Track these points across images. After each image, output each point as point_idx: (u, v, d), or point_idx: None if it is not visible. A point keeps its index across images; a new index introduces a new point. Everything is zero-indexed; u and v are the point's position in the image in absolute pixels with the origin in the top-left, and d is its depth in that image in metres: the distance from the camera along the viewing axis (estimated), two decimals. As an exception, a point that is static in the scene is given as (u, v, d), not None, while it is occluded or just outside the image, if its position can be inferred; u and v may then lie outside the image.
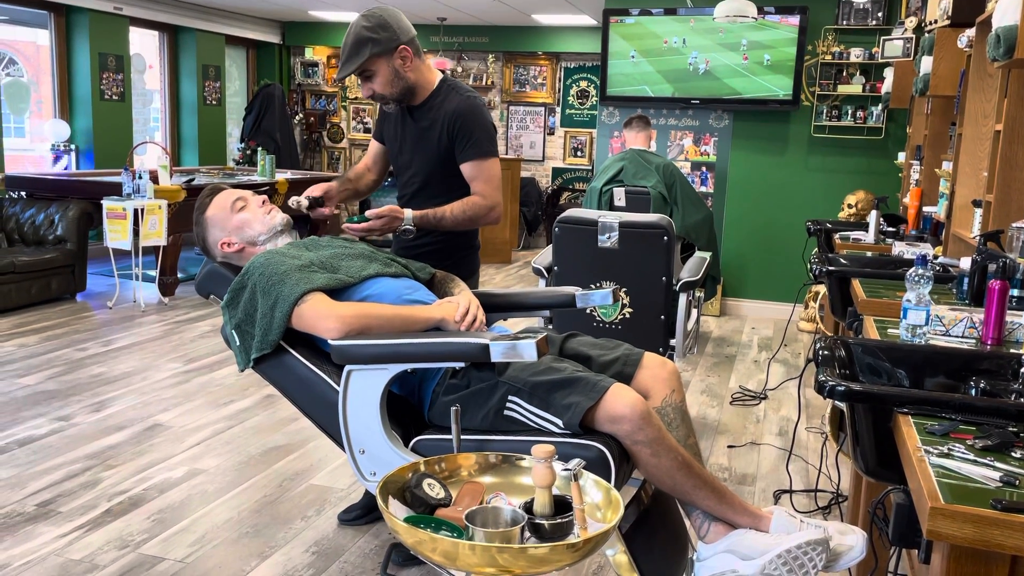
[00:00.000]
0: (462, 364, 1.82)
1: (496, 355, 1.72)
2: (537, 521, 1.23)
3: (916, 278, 2.04)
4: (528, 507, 1.27)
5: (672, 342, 3.30)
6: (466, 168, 2.45)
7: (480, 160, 2.43)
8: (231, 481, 3.04)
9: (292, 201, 2.42)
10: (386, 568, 2.19)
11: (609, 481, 1.77)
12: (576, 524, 1.22)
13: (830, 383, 1.63)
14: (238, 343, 2.04)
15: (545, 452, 1.22)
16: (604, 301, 2.23)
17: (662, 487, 1.88)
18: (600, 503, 1.32)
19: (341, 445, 1.94)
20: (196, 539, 2.61)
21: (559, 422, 1.80)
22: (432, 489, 1.31)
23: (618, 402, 1.77)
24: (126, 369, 4.32)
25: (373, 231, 2.34)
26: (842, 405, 1.73)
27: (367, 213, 2.32)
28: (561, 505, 1.26)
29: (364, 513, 2.74)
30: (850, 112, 5.78)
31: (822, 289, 4.90)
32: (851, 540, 1.83)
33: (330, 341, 1.89)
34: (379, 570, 2.44)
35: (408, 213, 2.37)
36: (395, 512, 1.25)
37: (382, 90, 2.40)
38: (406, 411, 2.02)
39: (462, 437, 1.77)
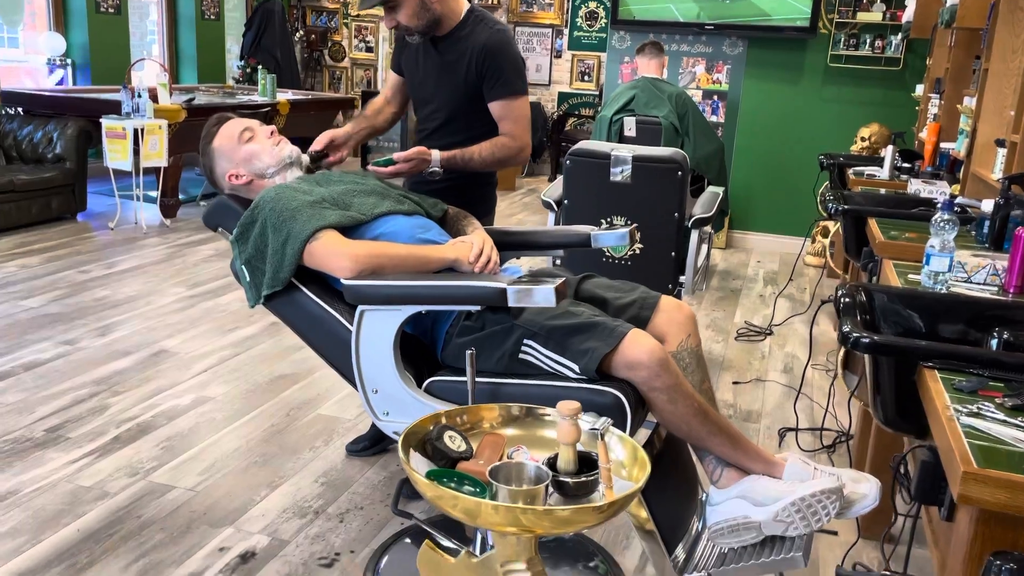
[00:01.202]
0: (478, 307, 1.79)
1: (513, 300, 1.68)
2: (561, 479, 1.21)
3: (941, 224, 2.00)
4: (552, 463, 1.25)
5: (681, 279, 3.26)
6: (495, 107, 2.36)
7: (510, 99, 2.35)
8: (238, 409, 3.05)
9: None
10: (397, 504, 2.19)
11: (624, 428, 1.75)
12: (601, 483, 1.20)
13: (854, 335, 1.61)
14: (248, 279, 2.00)
15: (571, 409, 1.20)
16: (620, 242, 2.19)
17: (677, 433, 1.87)
18: (625, 461, 1.30)
19: (353, 384, 1.92)
20: (205, 468, 2.63)
21: (575, 367, 1.77)
22: (453, 442, 1.29)
23: (635, 348, 1.75)
24: (130, 293, 4.29)
25: (401, 174, 2.27)
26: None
27: (395, 156, 2.24)
28: (585, 462, 1.24)
29: (372, 444, 2.75)
30: (868, 41, 5.62)
31: (832, 225, 4.85)
32: (864, 488, 1.83)
33: (343, 280, 1.85)
34: (388, 502, 2.46)
35: (436, 155, 2.29)
36: (416, 466, 1.23)
37: (407, 22, 2.29)
38: (419, 351, 2.00)
39: (476, 380, 1.75)
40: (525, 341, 1.81)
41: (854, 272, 3.85)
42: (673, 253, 3.23)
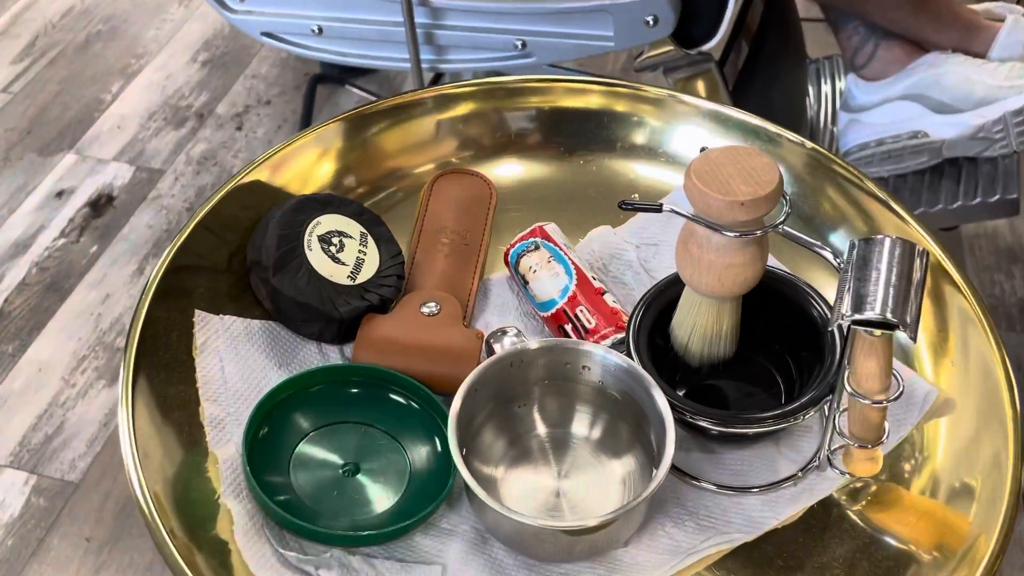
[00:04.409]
0: None
1: None
2: (700, 421, 0.37)
3: None
4: (651, 323, 0.42)
5: None
6: None
7: None
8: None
9: None
10: (309, 117, 1.38)
11: (725, 2, 0.85)
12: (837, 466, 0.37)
13: None
14: None
15: (758, 183, 0.33)
16: None
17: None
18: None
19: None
20: (21, 50, 1.72)
21: None
22: (341, 252, 0.43)
23: None
24: None
25: None
26: None
27: None
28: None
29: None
30: None
31: None
32: None
33: None
34: (303, 87, 1.62)
35: None
36: (231, 385, 0.39)
37: None
38: None
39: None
40: None
41: None
42: None
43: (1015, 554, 1.09)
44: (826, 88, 1.24)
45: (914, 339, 0.36)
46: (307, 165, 0.49)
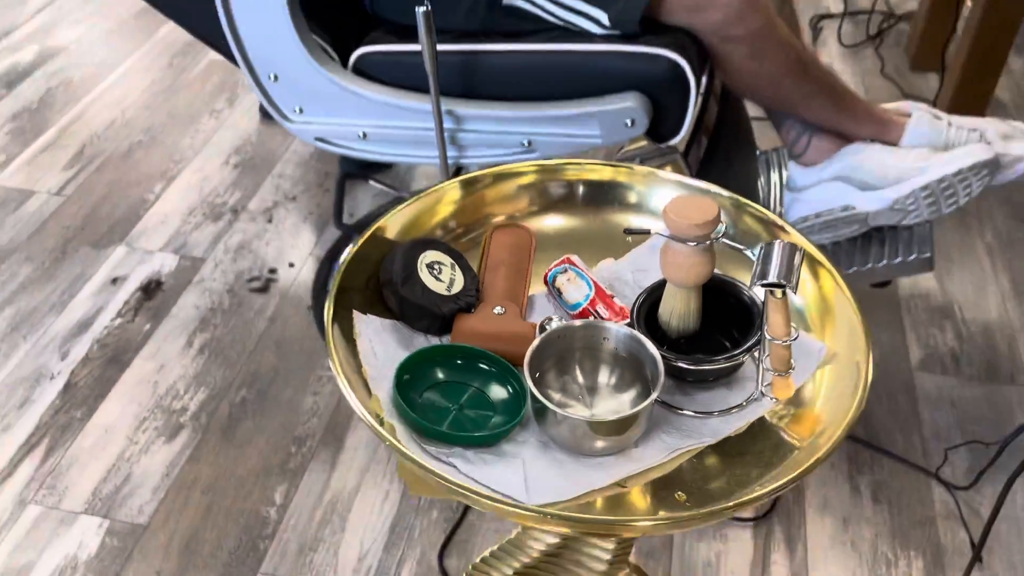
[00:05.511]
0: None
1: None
2: (680, 363, 0.61)
3: None
4: (645, 312, 0.64)
5: None
6: None
7: None
8: (103, 63, 2.26)
9: None
10: (340, 214, 1.59)
11: (686, 108, 1.10)
12: (767, 371, 0.60)
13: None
14: None
15: (703, 217, 0.57)
16: None
17: (756, 98, 1.23)
18: (811, 307, 0.69)
19: (235, 62, 1.19)
20: (72, 157, 1.95)
21: (603, 16, 1.05)
22: (439, 274, 0.66)
23: (706, -25, 1.02)
24: None
25: None
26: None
27: None
28: (715, 308, 0.63)
29: (292, 102, 2.05)
30: None
31: None
32: (1018, 149, 1.25)
33: None
34: (327, 185, 1.85)
35: None
36: (370, 345, 0.61)
37: None
38: (332, 2, 1.24)
39: (439, 48, 1.05)
40: (513, -25, 1.06)
41: None
42: None
43: (965, 544, 1.27)
44: (774, 176, 1.49)
45: (795, 292, 0.62)
46: (410, 219, 0.75)
